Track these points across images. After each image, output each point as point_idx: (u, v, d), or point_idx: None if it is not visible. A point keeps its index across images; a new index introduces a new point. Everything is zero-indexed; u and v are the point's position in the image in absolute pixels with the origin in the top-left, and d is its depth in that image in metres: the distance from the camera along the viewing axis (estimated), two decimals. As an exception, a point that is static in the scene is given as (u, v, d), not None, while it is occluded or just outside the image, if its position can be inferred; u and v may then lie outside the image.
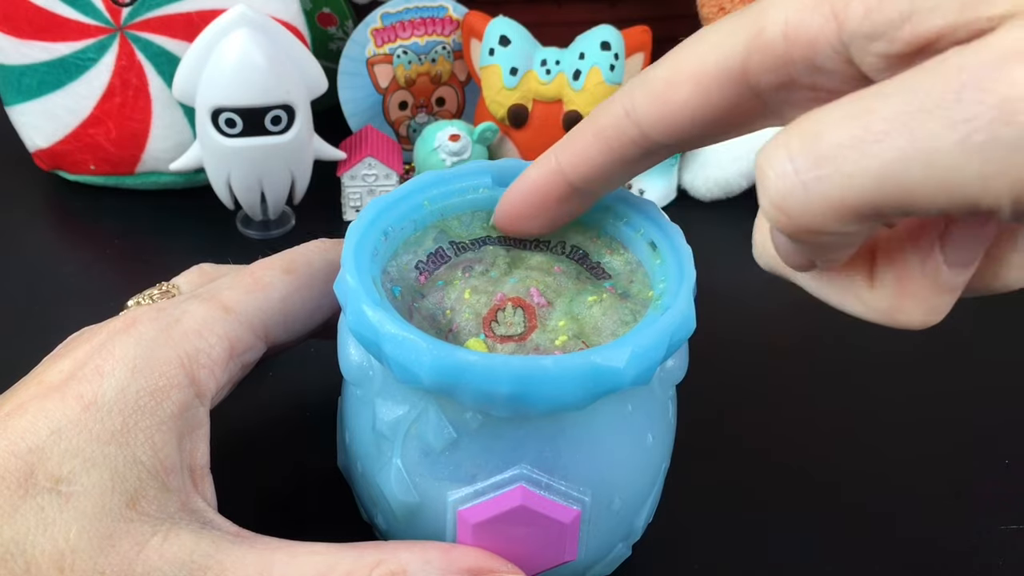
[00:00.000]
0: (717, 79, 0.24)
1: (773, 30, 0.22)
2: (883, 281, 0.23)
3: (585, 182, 0.28)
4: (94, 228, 0.52)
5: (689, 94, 0.24)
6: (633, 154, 0.27)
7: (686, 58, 0.24)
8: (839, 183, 0.19)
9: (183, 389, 0.29)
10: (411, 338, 0.26)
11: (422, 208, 0.32)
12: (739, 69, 0.23)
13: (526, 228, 0.31)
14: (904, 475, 0.39)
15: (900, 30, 0.20)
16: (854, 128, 0.19)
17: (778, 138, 0.20)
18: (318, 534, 0.28)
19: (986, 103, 0.17)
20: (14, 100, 0.50)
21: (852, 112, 0.19)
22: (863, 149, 0.18)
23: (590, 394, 0.26)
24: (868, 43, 0.20)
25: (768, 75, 0.23)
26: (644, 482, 0.31)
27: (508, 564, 0.28)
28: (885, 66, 0.20)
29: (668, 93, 0.25)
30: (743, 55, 0.23)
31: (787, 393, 0.42)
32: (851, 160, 0.18)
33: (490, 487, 0.28)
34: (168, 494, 0.28)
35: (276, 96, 0.46)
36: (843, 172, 0.19)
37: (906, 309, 0.23)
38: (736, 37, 0.23)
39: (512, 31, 0.52)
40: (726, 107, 0.24)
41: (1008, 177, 0.17)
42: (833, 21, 0.21)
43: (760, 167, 0.20)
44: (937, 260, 0.22)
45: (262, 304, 0.32)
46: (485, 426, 0.27)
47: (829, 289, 0.25)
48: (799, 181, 0.19)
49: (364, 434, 0.30)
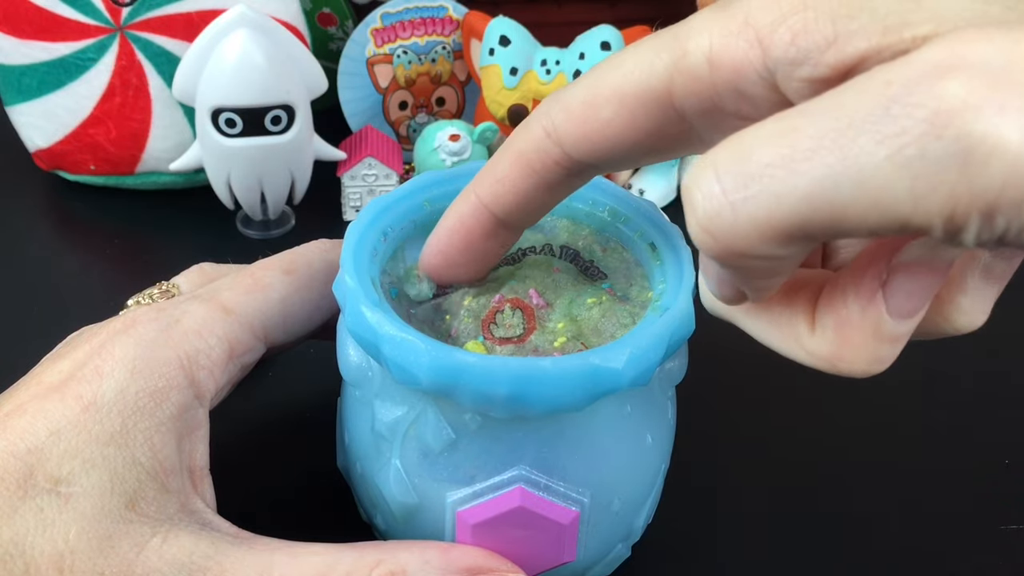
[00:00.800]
0: (641, 100, 0.23)
1: (697, 54, 0.22)
2: (824, 327, 0.23)
3: (508, 212, 0.27)
4: (94, 228, 0.52)
5: (612, 114, 0.24)
6: (557, 176, 0.26)
7: (609, 77, 0.24)
8: (767, 203, 0.18)
9: (182, 390, 0.29)
10: (409, 339, 0.26)
11: (422, 208, 0.32)
12: (664, 91, 0.23)
13: (454, 274, 0.30)
14: (904, 475, 0.39)
15: (824, 54, 0.20)
16: (781, 147, 0.18)
17: (705, 159, 0.19)
18: (317, 534, 0.28)
19: (915, 116, 0.17)
20: (14, 100, 0.50)
21: (778, 131, 0.18)
22: (791, 167, 0.18)
23: (589, 395, 0.26)
24: (793, 68, 0.20)
25: (692, 99, 0.22)
26: (643, 483, 0.31)
27: (508, 563, 0.28)
28: (810, 91, 0.20)
29: (589, 112, 0.24)
30: (667, 78, 0.23)
31: (787, 394, 0.42)
32: (778, 179, 0.18)
33: (489, 488, 0.28)
34: (167, 495, 0.28)
35: (276, 96, 0.46)
36: (771, 191, 0.18)
37: (847, 358, 0.22)
38: (660, 59, 0.23)
39: (512, 31, 0.52)
40: (651, 129, 0.24)
41: (939, 194, 0.17)
42: (758, 47, 0.21)
43: (687, 189, 0.19)
44: (879, 308, 0.22)
45: (262, 305, 0.32)
46: (484, 427, 0.27)
47: (770, 331, 0.24)
48: (727, 202, 0.19)
49: (363, 435, 0.30)
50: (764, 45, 0.21)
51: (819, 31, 0.20)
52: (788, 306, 0.23)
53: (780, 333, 0.24)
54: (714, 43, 0.21)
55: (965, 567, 0.35)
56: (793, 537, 0.36)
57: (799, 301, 0.23)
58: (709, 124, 0.23)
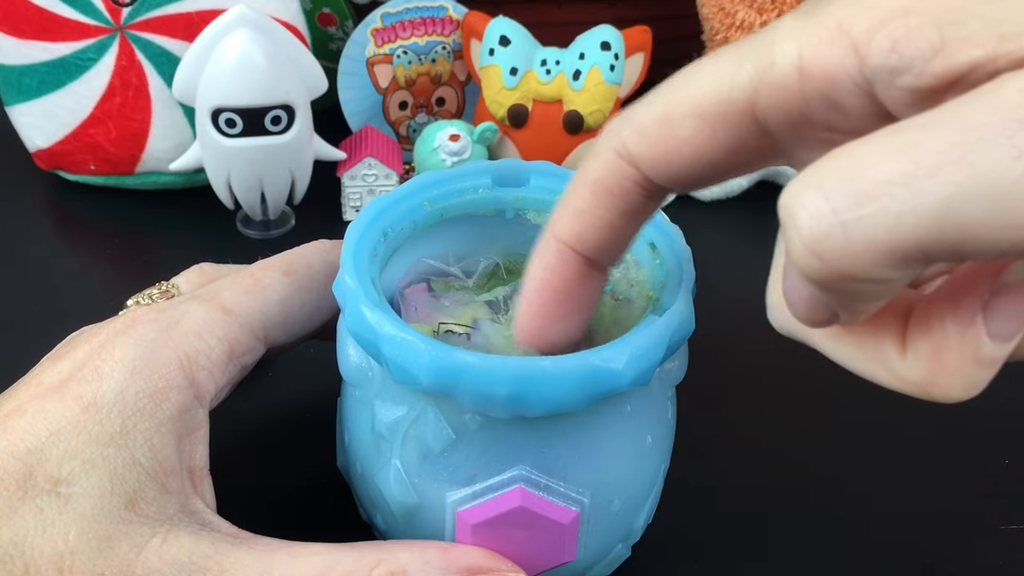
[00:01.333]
0: (722, 115, 0.22)
1: (785, 64, 0.20)
2: (917, 351, 0.21)
3: (596, 248, 0.25)
4: (94, 228, 0.52)
5: (692, 131, 0.22)
6: (638, 199, 0.24)
7: (685, 92, 0.22)
8: (885, 223, 0.17)
9: (182, 390, 0.29)
10: (409, 339, 0.26)
11: (422, 208, 0.32)
12: (746, 104, 0.21)
13: (558, 332, 0.27)
14: (904, 474, 0.38)
15: (930, 62, 0.18)
16: (901, 163, 0.17)
17: (806, 177, 0.18)
18: (317, 534, 0.28)
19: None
20: (14, 100, 0.50)
21: (895, 146, 0.17)
22: (913, 185, 0.17)
23: (589, 395, 0.26)
24: (894, 77, 0.19)
25: (778, 111, 0.21)
26: (643, 483, 0.30)
27: (508, 562, 0.28)
28: (912, 101, 0.19)
29: (665, 130, 0.22)
30: (751, 89, 0.21)
31: (787, 393, 0.42)
32: (899, 198, 0.17)
33: (489, 488, 0.28)
34: (167, 496, 0.28)
35: (276, 96, 0.46)
36: (890, 211, 0.17)
37: (942, 384, 0.21)
38: (743, 70, 0.21)
39: (512, 31, 0.52)
40: (733, 146, 0.22)
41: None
42: (854, 54, 0.19)
43: (788, 208, 0.18)
44: (979, 331, 0.20)
45: (261, 306, 0.32)
46: (484, 427, 0.27)
47: (855, 355, 0.23)
48: (837, 222, 0.17)
49: (363, 435, 0.30)
50: (861, 53, 0.19)
51: (924, 38, 0.18)
52: (876, 329, 0.22)
53: (866, 357, 0.22)
54: (804, 51, 0.20)
55: (965, 567, 0.35)
56: (793, 537, 0.36)
57: (887, 324, 0.22)
58: (794, 137, 0.22)
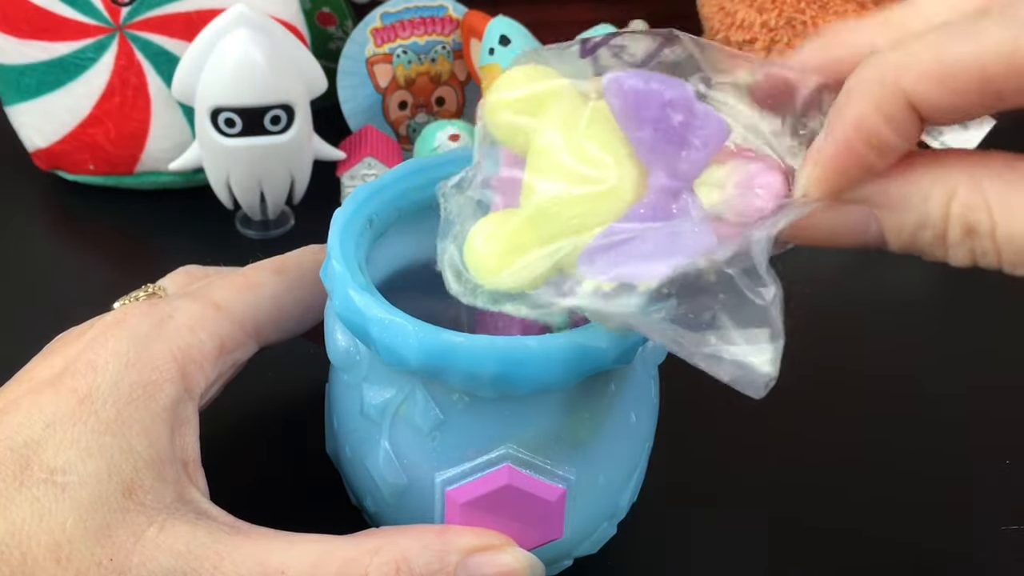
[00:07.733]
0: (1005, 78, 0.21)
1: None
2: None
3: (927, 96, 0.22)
4: (94, 228, 0.52)
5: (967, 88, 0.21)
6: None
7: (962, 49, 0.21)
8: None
9: (175, 383, 0.29)
10: (398, 321, 0.26)
11: (407, 196, 0.32)
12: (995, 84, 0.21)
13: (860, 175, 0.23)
14: (903, 474, 0.38)
15: None
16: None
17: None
18: (308, 520, 0.29)
19: None
20: (13, 100, 0.50)
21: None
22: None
23: (574, 373, 0.26)
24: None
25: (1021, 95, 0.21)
26: (628, 461, 0.31)
27: (502, 537, 0.28)
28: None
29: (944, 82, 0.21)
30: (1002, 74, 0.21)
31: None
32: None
33: (477, 467, 0.28)
34: (164, 484, 0.28)
35: (275, 96, 0.46)
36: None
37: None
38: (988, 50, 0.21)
39: (512, 31, 0.52)
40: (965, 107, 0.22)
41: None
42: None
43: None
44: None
45: (252, 302, 0.32)
46: (471, 407, 0.28)
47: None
48: None
49: (352, 419, 0.30)
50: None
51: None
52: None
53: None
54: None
55: (965, 567, 0.35)
56: (780, 519, 0.36)
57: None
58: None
